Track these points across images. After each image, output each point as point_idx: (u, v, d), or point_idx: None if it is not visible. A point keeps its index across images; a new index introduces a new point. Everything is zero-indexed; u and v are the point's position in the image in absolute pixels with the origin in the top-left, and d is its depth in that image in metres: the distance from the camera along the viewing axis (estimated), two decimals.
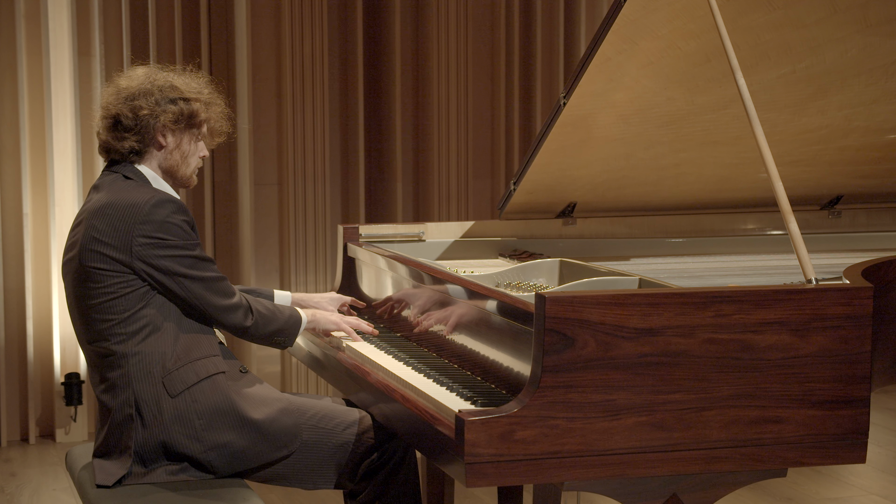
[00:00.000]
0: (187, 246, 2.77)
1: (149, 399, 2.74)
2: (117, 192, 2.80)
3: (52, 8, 5.14)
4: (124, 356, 2.74)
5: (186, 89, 2.91)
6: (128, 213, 2.74)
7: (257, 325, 2.89)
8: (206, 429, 2.75)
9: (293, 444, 2.83)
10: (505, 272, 3.16)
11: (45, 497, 4.57)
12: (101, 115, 2.90)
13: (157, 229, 2.74)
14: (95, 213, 2.78)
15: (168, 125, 2.86)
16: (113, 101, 2.87)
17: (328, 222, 5.61)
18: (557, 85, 6.02)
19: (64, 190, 5.22)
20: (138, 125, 2.84)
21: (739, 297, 2.44)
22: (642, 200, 3.74)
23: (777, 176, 2.71)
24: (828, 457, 2.51)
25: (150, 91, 2.86)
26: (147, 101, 2.85)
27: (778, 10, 3.10)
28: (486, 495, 4.44)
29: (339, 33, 5.67)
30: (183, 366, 2.76)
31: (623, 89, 3.24)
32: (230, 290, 2.85)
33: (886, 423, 5.54)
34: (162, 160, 2.89)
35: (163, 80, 2.90)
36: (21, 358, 5.24)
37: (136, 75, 2.93)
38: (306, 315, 3.03)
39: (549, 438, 2.34)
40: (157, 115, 2.85)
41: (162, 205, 2.75)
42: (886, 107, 3.52)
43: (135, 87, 2.87)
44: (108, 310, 2.74)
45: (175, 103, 2.88)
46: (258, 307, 2.91)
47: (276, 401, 2.85)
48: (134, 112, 2.84)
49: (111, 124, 2.86)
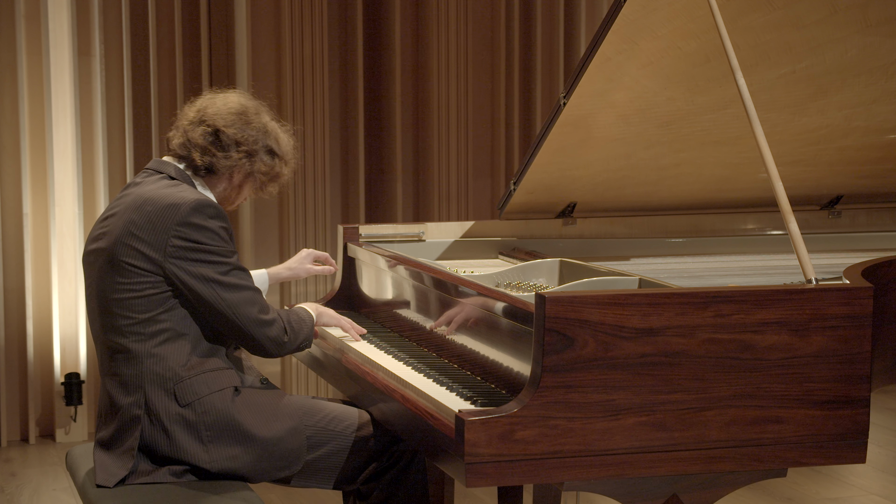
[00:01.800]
0: (224, 253, 2.73)
1: (158, 404, 2.71)
2: (160, 191, 2.77)
3: (52, 8, 5.14)
4: (139, 357, 2.72)
5: (286, 150, 2.94)
6: (167, 213, 2.70)
7: (291, 339, 2.83)
8: (213, 440, 2.73)
9: (295, 465, 2.81)
10: (505, 272, 3.16)
11: (45, 497, 4.57)
12: (201, 118, 2.86)
13: (195, 232, 2.70)
14: (135, 207, 2.74)
15: (253, 173, 2.88)
16: (223, 115, 2.86)
17: (328, 222, 5.61)
18: (557, 85, 6.02)
19: (64, 190, 5.22)
20: (228, 154, 2.84)
21: (739, 297, 2.44)
22: (642, 200, 3.74)
23: (777, 176, 2.71)
24: (828, 457, 2.51)
25: (261, 136, 2.87)
26: (251, 140, 2.85)
27: (778, 10, 3.10)
28: (486, 495, 4.44)
29: (339, 33, 5.67)
30: (196, 376, 2.73)
31: (623, 89, 3.24)
32: (266, 305, 2.79)
33: (886, 423, 5.54)
34: (222, 190, 2.90)
35: (272, 129, 2.91)
36: (21, 358, 5.24)
37: (252, 106, 2.91)
38: (314, 312, 3.00)
39: (549, 438, 2.34)
40: (252, 157, 2.86)
41: (202, 209, 2.71)
42: (886, 107, 3.52)
43: (252, 120, 2.87)
44: (130, 307, 2.71)
45: (272, 158, 2.90)
46: (288, 318, 2.85)
47: (287, 418, 2.80)
48: (236, 141, 2.84)
49: (210, 133, 2.84)
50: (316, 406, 2.88)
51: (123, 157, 5.28)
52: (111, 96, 5.26)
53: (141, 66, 5.29)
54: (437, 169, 5.80)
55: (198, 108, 2.89)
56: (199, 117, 2.87)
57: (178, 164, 2.87)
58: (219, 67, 5.49)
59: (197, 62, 5.40)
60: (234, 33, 5.48)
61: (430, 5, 5.73)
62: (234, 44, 5.49)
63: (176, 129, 2.90)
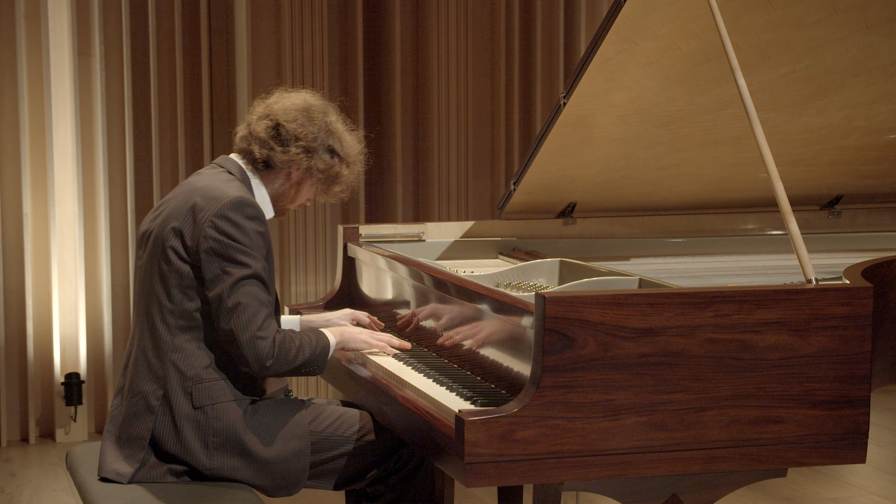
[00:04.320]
0: (250, 255, 2.69)
1: (175, 400, 2.71)
2: (212, 183, 2.79)
3: (52, 8, 5.14)
4: (166, 348, 2.72)
5: (349, 152, 2.92)
6: (210, 204, 2.72)
7: (277, 364, 2.67)
8: (217, 447, 2.72)
9: (294, 488, 2.80)
10: (505, 272, 3.16)
11: (45, 497, 4.57)
12: (266, 113, 2.88)
13: (229, 227, 2.69)
14: (186, 195, 2.78)
15: (311, 170, 2.88)
16: (286, 110, 2.86)
17: (328, 222, 5.61)
18: (557, 85, 6.02)
19: (64, 190, 5.22)
20: (287, 148, 2.85)
21: (739, 297, 2.44)
22: (642, 200, 3.74)
23: (777, 176, 2.71)
24: (828, 457, 2.51)
25: (322, 134, 2.87)
26: (309, 135, 2.85)
27: (778, 10, 3.10)
28: (486, 495, 4.44)
29: (339, 33, 5.67)
30: (215, 381, 2.72)
31: (623, 89, 3.24)
32: (269, 323, 2.68)
33: (886, 423, 5.54)
34: (278, 186, 2.90)
35: (335, 128, 2.91)
36: (21, 358, 5.24)
37: (319, 105, 2.91)
38: (334, 337, 2.84)
39: (549, 438, 2.34)
40: (310, 153, 2.86)
41: (242, 207, 2.72)
42: (886, 107, 3.52)
43: (315, 118, 2.87)
44: (168, 294, 2.73)
45: (332, 157, 2.89)
46: (283, 342, 2.70)
47: (295, 440, 2.78)
48: (295, 136, 2.85)
49: (271, 126, 2.86)
50: (325, 410, 2.87)
51: (123, 157, 5.28)
52: (111, 96, 5.26)
53: (141, 66, 5.29)
54: (437, 169, 5.80)
55: (266, 104, 2.92)
56: (265, 112, 2.90)
57: (240, 161, 2.89)
58: (219, 67, 5.49)
59: (197, 62, 5.40)
60: (234, 33, 5.48)
61: (430, 5, 5.73)
62: (234, 44, 5.49)
63: (243, 124, 2.94)
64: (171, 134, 5.36)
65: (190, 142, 5.41)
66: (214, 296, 2.69)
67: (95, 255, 5.28)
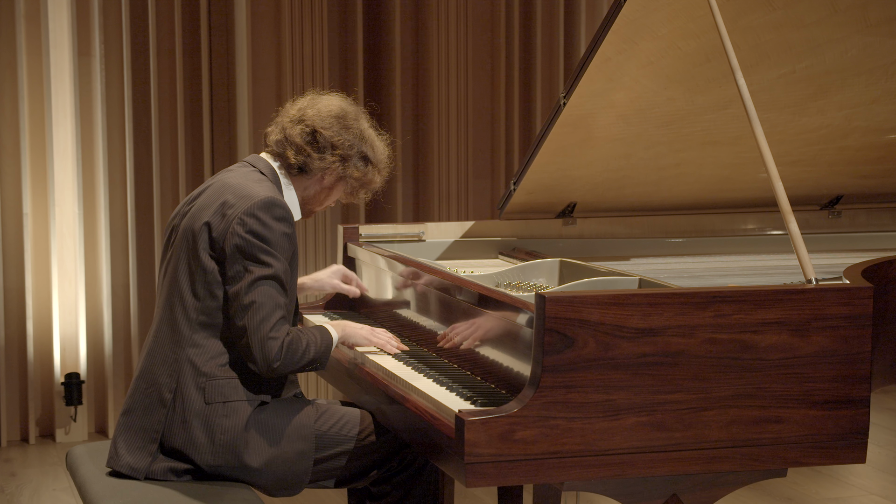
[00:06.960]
0: (274, 256, 2.70)
1: (187, 394, 2.72)
2: (243, 181, 2.80)
3: (52, 8, 5.14)
4: (184, 341, 2.73)
5: (380, 158, 2.95)
6: (240, 202, 2.73)
7: (283, 365, 2.69)
8: (224, 445, 2.72)
9: (295, 489, 2.80)
10: (505, 272, 3.16)
11: (45, 497, 4.57)
12: (300, 117, 2.88)
13: (257, 225, 2.70)
14: (217, 192, 2.78)
15: (345, 177, 2.89)
16: (322, 117, 2.88)
17: (328, 222, 5.61)
18: (557, 85, 6.02)
19: (64, 190, 5.22)
20: (323, 155, 2.86)
21: (739, 297, 2.44)
22: (642, 200, 3.74)
23: (777, 176, 2.71)
24: (828, 457, 2.51)
25: (357, 142, 2.89)
26: (346, 144, 2.87)
27: (778, 10, 3.10)
28: (486, 495, 4.44)
29: (339, 33, 5.67)
30: (229, 379, 2.73)
31: (623, 89, 3.24)
32: (281, 325, 2.69)
33: (886, 423, 5.54)
34: (309, 190, 2.92)
35: (369, 136, 2.94)
36: (21, 358, 5.24)
37: (352, 111, 2.94)
38: (336, 332, 2.87)
39: (549, 438, 2.34)
40: (346, 161, 2.88)
41: (272, 208, 2.73)
42: (886, 107, 3.52)
43: (350, 125, 2.89)
44: (189, 288, 2.74)
45: (366, 164, 2.91)
46: (290, 343, 2.71)
47: (301, 440, 2.78)
48: (332, 144, 2.86)
49: (308, 133, 2.86)
50: (330, 409, 2.87)
51: (123, 157, 5.28)
52: (111, 96, 5.26)
53: (141, 66, 5.29)
54: (437, 169, 5.80)
55: (299, 108, 2.92)
56: (299, 116, 2.90)
57: (272, 162, 2.90)
58: (219, 67, 5.49)
59: (197, 62, 5.40)
60: (234, 33, 5.48)
61: (430, 5, 5.73)
62: (234, 44, 5.49)
63: (275, 126, 2.94)
64: (171, 134, 5.36)
65: (190, 142, 5.41)
66: (233, 292, 2.70)
67: (95, 255, 5.28)
